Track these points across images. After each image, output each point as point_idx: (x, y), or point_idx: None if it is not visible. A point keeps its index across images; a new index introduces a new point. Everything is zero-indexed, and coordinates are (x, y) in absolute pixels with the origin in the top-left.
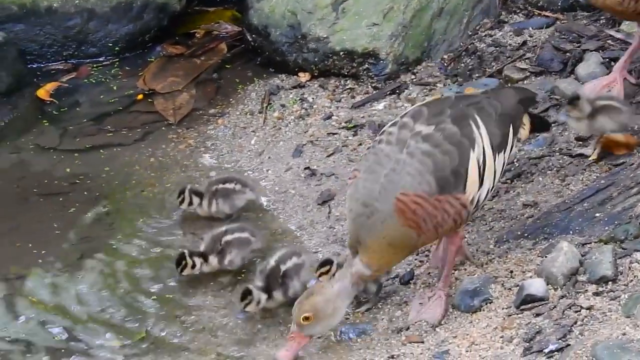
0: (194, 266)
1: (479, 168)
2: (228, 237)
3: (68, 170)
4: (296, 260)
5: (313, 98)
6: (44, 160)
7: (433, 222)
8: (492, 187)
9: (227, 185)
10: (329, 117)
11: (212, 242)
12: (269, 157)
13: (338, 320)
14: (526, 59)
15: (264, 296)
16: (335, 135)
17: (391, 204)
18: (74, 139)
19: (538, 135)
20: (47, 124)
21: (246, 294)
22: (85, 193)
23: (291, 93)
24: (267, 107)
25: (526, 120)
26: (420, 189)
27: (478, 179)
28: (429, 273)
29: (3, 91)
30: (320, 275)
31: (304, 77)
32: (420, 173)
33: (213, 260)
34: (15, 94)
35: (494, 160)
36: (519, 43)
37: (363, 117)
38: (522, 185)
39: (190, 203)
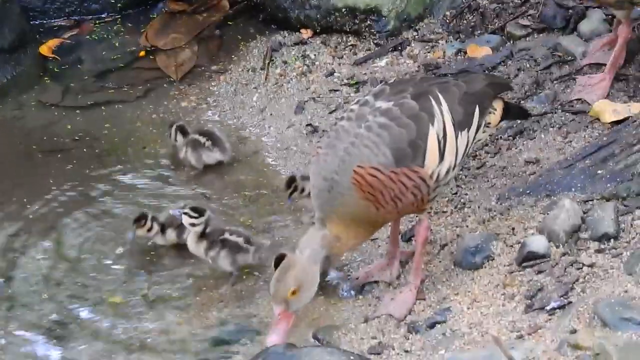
0: (150, 230)
1: (439, 143)
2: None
3: (70, 126)
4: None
5: (315, 55)
6: (46, 117)
7: (391, 194)
8: (455, 165)
9: (200, 138)
10: (331, 74)
11: (172, 216)
12: (271, 114)
13: (316, 286)
14: (529, 15)
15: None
16: (337, 92)
17: (349, 177)
18: (76, 96)
19: (541, 92)
20: (49, 80)
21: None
22: (87, 150)
23: (293, 50)
24: (269, 63)
25: (497, 105)
26: (376, 161)
27: (438, 153)
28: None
29: (6, 48)
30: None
31: (306, 33)
32: (377, 145)
33: (171, 234)
34: (18, 50)
35: (456, 138)
36: (521, 0)
37: (365, 73)
38: (524, 142)
39: (176, 139)
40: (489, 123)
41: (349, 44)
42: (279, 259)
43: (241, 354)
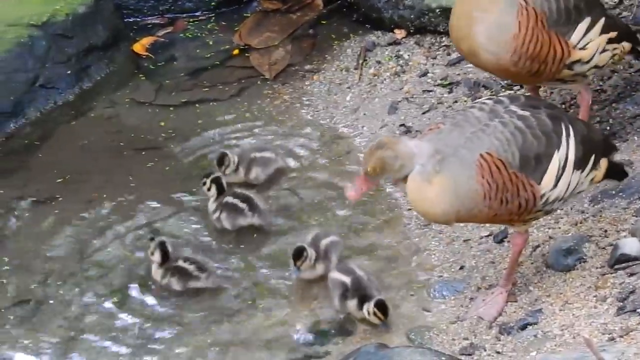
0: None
1: (558, 169)
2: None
3: (163, 124)
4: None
5: (409, 55)
6: (139, 115)
7: (503, 194)
8: (561, 198)
9: (265, 154)
10: (425, 74)
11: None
12: (364, 114)
13: (399, 175)
14: (622, 17)
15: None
16: (430, 93)
17: (474, 156)
18: (170, 94)
19: (634, 94)
20: (142, 78)
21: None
22: (179, 148)
23: (387, 50)
24: (362, 63)
25: (603, 163)
26: (504, 157)
27: (555, 178)
28: None
29: (99, 45)
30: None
31: (399, 34)
32: (509, 143)
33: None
34: (112, 48)
35: (572, 172)
36: (615, 1)
37: (459, 74)
38: (618, 144)
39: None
40: (594, 179)
41: (443, 44)
42: (298, 252)
43: (333, 353)
